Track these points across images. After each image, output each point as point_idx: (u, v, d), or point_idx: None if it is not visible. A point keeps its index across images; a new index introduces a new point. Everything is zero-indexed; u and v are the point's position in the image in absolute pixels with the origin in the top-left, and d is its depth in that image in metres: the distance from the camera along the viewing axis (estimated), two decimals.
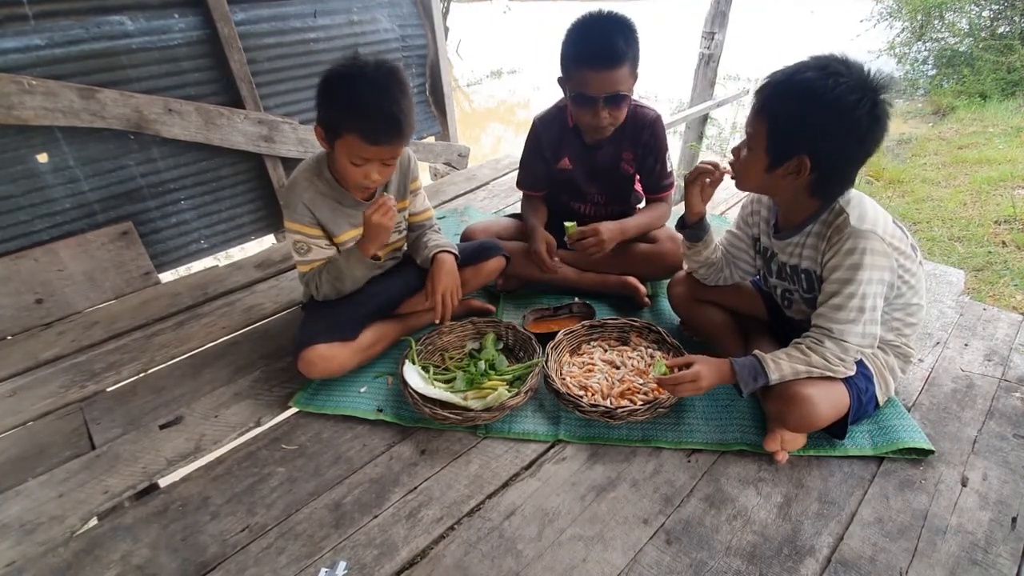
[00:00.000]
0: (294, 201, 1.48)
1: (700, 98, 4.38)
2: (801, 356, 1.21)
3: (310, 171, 1.51)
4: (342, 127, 1.35)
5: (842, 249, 1.16)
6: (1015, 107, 5.49)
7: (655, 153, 1.82)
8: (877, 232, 1.15)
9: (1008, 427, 1.38)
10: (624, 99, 1.63)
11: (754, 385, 1.23)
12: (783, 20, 13.81)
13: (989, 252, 2.98)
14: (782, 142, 1.15)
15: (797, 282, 1.32)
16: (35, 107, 1.92)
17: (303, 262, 1.55)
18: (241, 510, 1.27)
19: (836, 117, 1.07)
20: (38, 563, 1.18)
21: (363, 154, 1.37)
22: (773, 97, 1.15)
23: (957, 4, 6.86)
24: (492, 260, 1.79)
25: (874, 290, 1.16)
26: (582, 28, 1.59)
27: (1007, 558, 1.09)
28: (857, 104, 1.05)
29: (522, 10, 16.89)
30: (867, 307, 1.17)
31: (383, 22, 2.77)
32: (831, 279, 1.19)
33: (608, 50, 1.53)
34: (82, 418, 1.59)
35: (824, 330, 1.21)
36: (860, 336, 1.19)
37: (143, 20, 2.10)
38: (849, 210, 1.17)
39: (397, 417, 1.49)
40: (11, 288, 2.00)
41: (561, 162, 1.86)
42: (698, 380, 1.24)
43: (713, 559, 1.11)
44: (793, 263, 1.31)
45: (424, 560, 1.14)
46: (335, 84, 1.36)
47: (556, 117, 1.84)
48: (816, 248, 1.24)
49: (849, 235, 1.15)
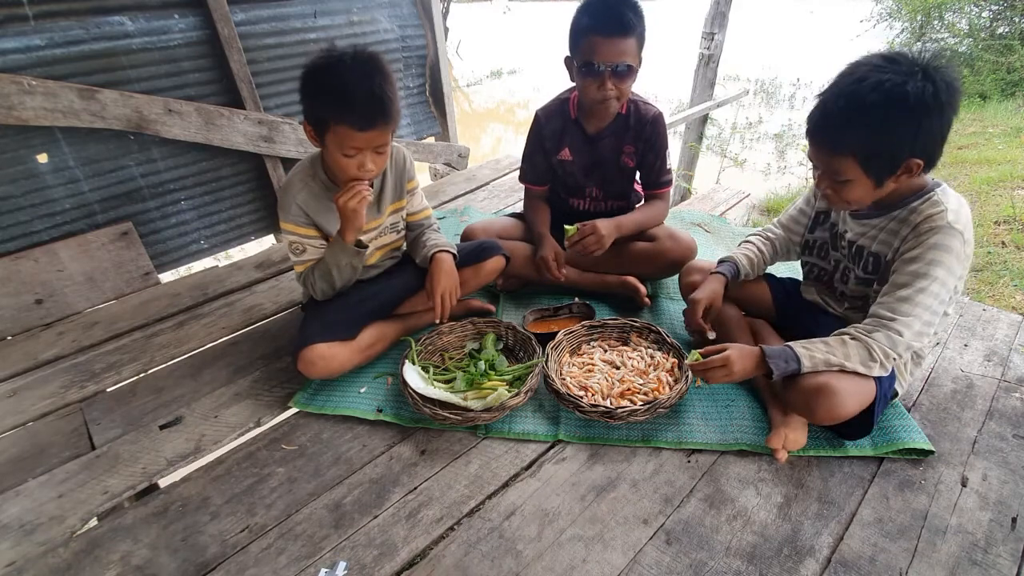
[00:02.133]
0: (288, 202, 1.48)
1: (700, 98, 4.38)
2: (840, 348, 1.19)
3: (304, 172, 1.51)
4: (331, 118, 1.34)
5: (929, 242, 1.11)
6: (1015, 107, 5.49)
7: (656, 149, 1.82)
8: (965, 235, 1.12)
9: (1008, 427, 1.38)
10: (631, 72, 1.64)
11: (786, 368, 1.20)
12: (783, 20, 13.82)
13: (989, 252, 2.98)
14: (882, 162, 1.11)
15: (862, 264, 1.28)
16: (35, 107, 1.92)
17: (299, 262, 1.56)
18: (241, 510, 1.27)
19: (919, 111, 1.03)
20: (38, 563, 1.18)
21: (354, 143, 1.35)
22: (842, 133, 1.11)
23: (957, 4, 6.87)
24: (492, 260, 1.79)
25: (947, 289, 1.13)
26: (592, 2, 1.61)
27: (1007, 558, 1.09)
28: (924, 86, 1.02)
29: (522, 10, 16.90)
30: (932, 305, 1.14)
31: (383, 22, 2.77)
32: (905, 270, 1.15)
33: (618, 18, 1.56)
34: (82, 418, 1.59)
35: (881, 320, 1.17)
36: (915, 333, 1.15)
37: (143, 20, 2.10)
38: (947, 203, 1.13)
39: (397, 417, 1.49)
40: (11, 288, 2.00)
41: (561, 152, 1.87)
42: (729, 365, 1.22)
43: (713, 559, 1.11)
44: (862, 244, 1.27)
45: (424, 560, 1.14)
46: (317, 77, 1.34)
47: (559, 109, 1.84)
48: (895, 233, 1.20)
49: (942, 230, 1.11)
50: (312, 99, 1.36)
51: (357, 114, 1.32)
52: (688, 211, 2.68)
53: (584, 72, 1.65)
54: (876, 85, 1.04)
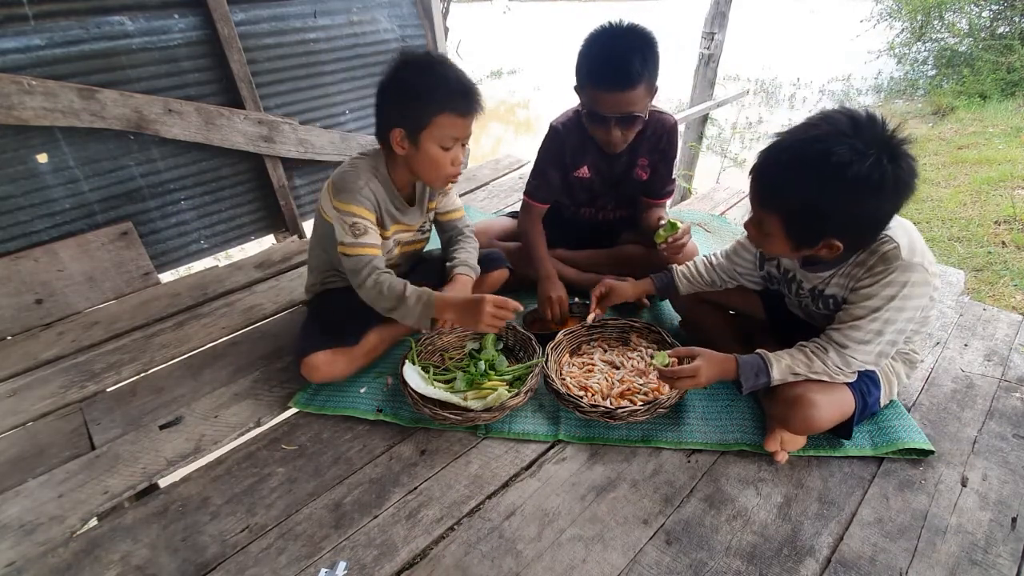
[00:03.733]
0: (358, 185, 1.44)
1: (700, 98, 4.38)
2: (803, 359, 1.21)
3: (368, 165, 1.49)
4: (432, 112, 1.36)
5: (885, 279, 1.10)
6: (1015, 107, 5.49)
7: (668, 159, 1.80)
8: (924, 264, 1.10)
9: (1008, 427, 1.38)
10: (637, 119, 1.58)
11: (755, 381, 1.22)
12: (783, 20, 13.81)
13: (989, 252, 2.99)
14: (803, 234, 1.09)
15: (822, 303, 1.28)
16: (35, 107, 1.92)
17: (355, 243, 1.43)
18: (241, 510, 1.27)
19: (859, 193, 0.98)
20: (38, 563, 1.18)
21: (455, 132, 1.40)
22: (775, 189, 1.08)
23: (957, 4, 6.87)
24: (495, 273, 1.80)
25: (906, 316, 1.12)
26: (597, 44, 1.52)
27: (1007, 558, 1.09)
28: (873, 170, 0.96)
29: (522, 10, 16.88)
30: (888, 331, 1.13)
31: (383, 22, 2.77)
32: (860, 304, 1.14)
33: (622, 71, 1.46)
34: (82, 418, 1.59)
35: (833, 342, 1.19)
36: (868, 355, 1.16)
37: (143, 20, 2.10)
38: (898, 239, 1.10)
39: (397, 417, 1.49)
40: (11, 288, 2.00)
41: (580, 171, 1.81)
42: (697, 376, 1.23)
43: (713, 559, 1.11)
44: (820, 288, 1.26)
45: (424, 560, 1.14)
46: (413, 77, 1.37)
47: (577, 123, 1.75)
48: (850, 276, 1.18)
49: (898, 268, 1.09)
50: (411, 100, 1.37)
51: (461, 101, 1.38)
52: (688, 211, 2.68)
53: (588, 118, 1.62)
54: (823, 154, 0.98)
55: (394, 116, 1.40)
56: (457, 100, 1.37)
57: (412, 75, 1.37)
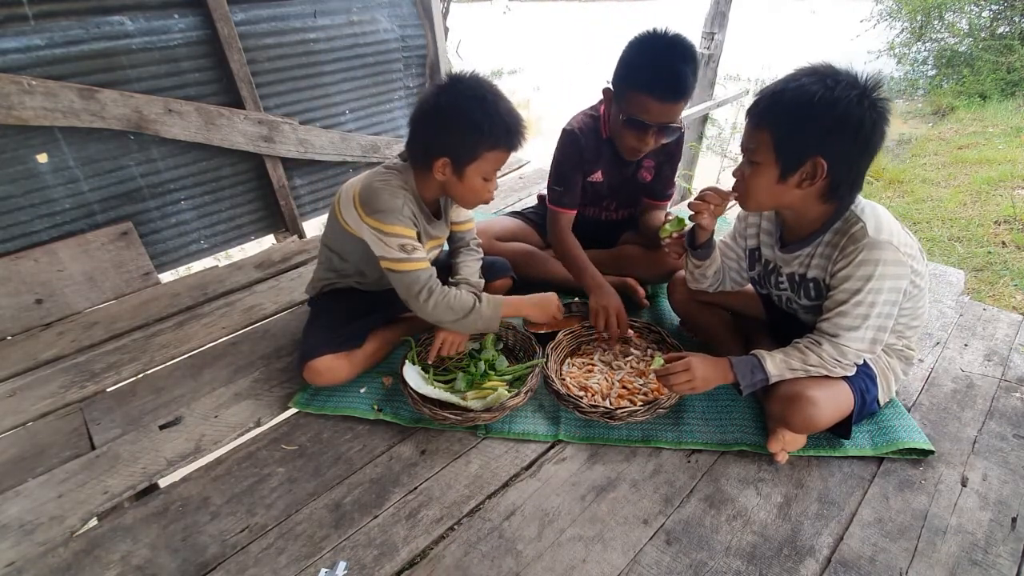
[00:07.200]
0: (397, 206, 1.41)
1: (700, 98, 4.37)
2: (799, 355, 1.22)
3: (398, 182, 1.45)
4: (483, 148, 1.36)
5: (856, 259, 1.14)
6: (1015, 107, 5.49)
7: (673, 162, 1.81)
8: (893, 243, 1.13)
9: (1008, 427, 1.38)
10: (675, 129, 1.59)
11: (752, 379, 1.23)
12: (783, 20, 13.81)
13: (989, 252, 2.99)
14: (792, 148, 1.12)
15: (804, 292, 1.30)
16: (35, 107, 1.92)
17: (408, 259, 1.43)
18: (241, 510, 1.27)
19: (842, 116, 1.06)
20: (38, 563, 1.18)
21: (500, 164, 1.42)
22: (773, 107, 1.13)
23: (957, 4, 6.87)
24: (499, 282, 1.80)
25: (886, 298, 1.15)
26: (651, 53, 1.51)
27: (1007, 558, 1.09)
28: (859, 100, 1.05)
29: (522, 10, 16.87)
30: (873, 315, 1.16)
31: (383, 22, 2.77)
32: (841, 288, 1.17)
33: (678, 83, 1.48)
34: (82, 418, 1.59)
35: (825, 334, 1.21)
36: (861, 342, 1.18)
37: (143, 20, 2.10)
38: (865, 219, 1.15)
39: (397, 417, 1.49)
40: (11, 288, 2.00)
41: (594, 175, 1.81)
42: (690, 371, 1.24)
43: (713, 559, 1.11)
44: (801, 272, 1.29)
45: (424, 560, 1.14)
46: (464, 107, 1.33)
47: (592, 127, 1.75)
48: (827, 257, 1.22)
49: (866, 246, 1.13)
50: (461, 133, 1.34)
51: (513, 137, 1.38)
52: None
53: (628, 123, 1.59)
54: (818, 79, 1.08)
55: (439, 145, 1.37)
56: (508, 136, 1.37)
57: (463, 105, 1.33)
